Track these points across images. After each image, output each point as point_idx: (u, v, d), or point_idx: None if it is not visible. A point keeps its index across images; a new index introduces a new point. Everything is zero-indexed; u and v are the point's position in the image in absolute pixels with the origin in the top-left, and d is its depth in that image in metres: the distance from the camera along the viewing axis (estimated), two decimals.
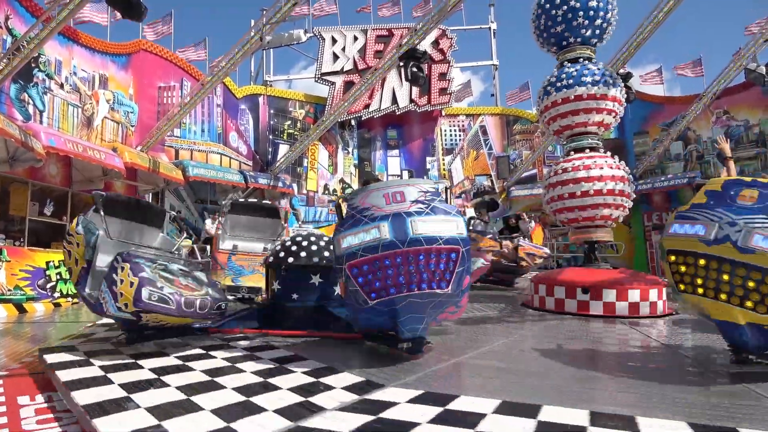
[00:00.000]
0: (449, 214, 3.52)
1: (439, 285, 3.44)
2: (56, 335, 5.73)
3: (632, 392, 3.13)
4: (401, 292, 3.42)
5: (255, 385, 3.19)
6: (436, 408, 2.71)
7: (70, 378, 3.19)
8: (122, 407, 2.68)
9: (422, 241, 3.35)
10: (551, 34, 8.53)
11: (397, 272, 3.39)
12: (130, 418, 2.52)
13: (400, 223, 3.40)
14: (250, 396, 2.93)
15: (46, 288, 9.37)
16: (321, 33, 21.01)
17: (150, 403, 2.76)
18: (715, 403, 2.85)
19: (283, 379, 3.34)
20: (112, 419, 2.51)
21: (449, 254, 3.42)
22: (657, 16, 14.17)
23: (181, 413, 2.62)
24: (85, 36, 13.06)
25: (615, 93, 8.03)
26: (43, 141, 9.46)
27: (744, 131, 18.13)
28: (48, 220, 11.00)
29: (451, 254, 3.42)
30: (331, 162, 21.53)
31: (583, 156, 8.06)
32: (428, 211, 3.46)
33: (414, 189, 3.63)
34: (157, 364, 3.62)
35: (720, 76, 16.65)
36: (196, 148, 16.78)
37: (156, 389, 3.02)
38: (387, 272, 3.41)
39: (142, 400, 2.80)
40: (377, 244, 3.39)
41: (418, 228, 3.37)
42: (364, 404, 2.80)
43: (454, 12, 13.95)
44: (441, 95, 21.41)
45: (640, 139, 20.68)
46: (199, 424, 2.49)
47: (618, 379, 3.54)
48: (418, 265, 3.38)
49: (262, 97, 20.27)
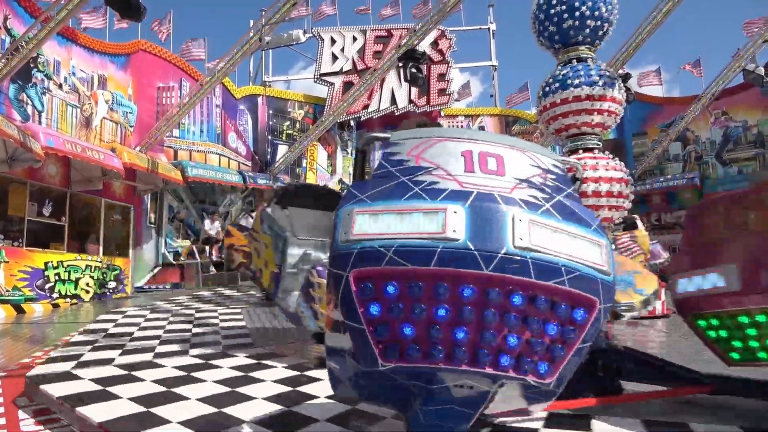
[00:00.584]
0: (588, 227, 1.71)
1: (536, 368, 1.64)
2: (54, 336, 5.71)
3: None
4: (452, 363, 1.59)
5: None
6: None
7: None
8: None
9: (529, 265, 1.56)
10: (551, 33, 8.52)
11: (457, 317, 1.57)
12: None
13: (489, 215, 1.61)
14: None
15: (45, 289, 9.35)
16: (320, 33, 21.01)
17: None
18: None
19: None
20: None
21: (574, 308, 1.62)
22: (656, 17, 14.17)
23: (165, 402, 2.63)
24: (83, 36, 13.05)
25: (614, 94, 8.03)
26: (42, 141, 9.44)
27: (742, 132, 18.16)
28: (47, 220, 10.97)
29: (577, 310, 1.62)
30: (330, 162, 21.53)
31: (582, 156, 8.06)
32: (550, 208, 1.69)
33: (525, 158, 1.87)
34: (157, 376, 3.61)
35: (719, 77, 16.67)
36: (194, 148, 16.75)
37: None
38: (435, 311, 1.57)
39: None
40: (433, 247, 1.56)
41: (527, 235, 1.58)
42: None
43: (453, 12, 13.95)
44: (440, 96, 21.41)
45: (639, 139, 20.71)
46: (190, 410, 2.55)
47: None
48: (505, 315, 1.57)
49: (261, 97, 20.26)
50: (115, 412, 2.72)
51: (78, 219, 12.04)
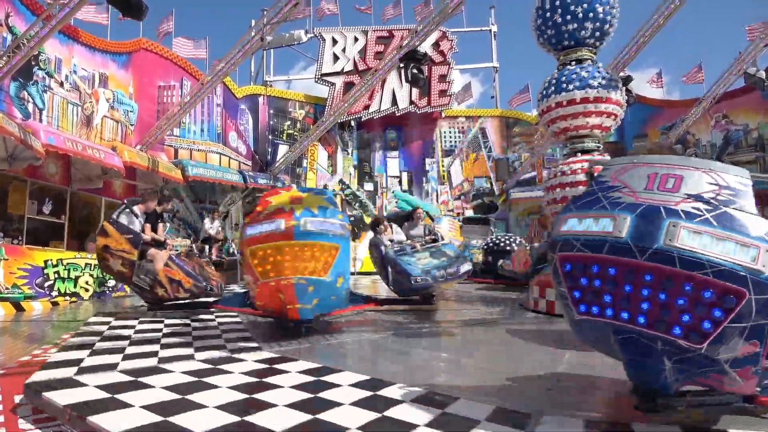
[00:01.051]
0: (746, 233, 2.13)
1: (689, 334, 2.16)
2: (53, 334, 5.70)
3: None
4: (619, 319, 2.32)
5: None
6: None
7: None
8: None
9: (675, 259, 2.13)
10: (551, 35, 8.52)
11: (621, 290, 2.30)
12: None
13: (649, 222, 2.24)
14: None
15: (44, 287, 9.33)
16: (321, 34, 21.03)
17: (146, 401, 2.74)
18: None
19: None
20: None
21: (723, 296, 2.07)
22: (658, 20, 14.19)
23: (182, 411, 2.61)
24: (85, 34, 13.05)
25: (615, 96, 8.03)
26: (43, 139, 9.44)
27: (743, 135, 18.16)
28: (46, 218, 10.97)
29: (727, 296, 2.07)
30: (331, 162, 21.53)
31: (583, 158, 8.06)
32: (710, 218, 2.18)
33: (705, 177, 2.36)
34: (161, 381, 3.59)
35: (720, 80, 16.68)
36: (195, 147, 16.76)
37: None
38: (599, 283, 2.37)
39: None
40: (603, 241, 2.33)
41: (676, 237, 2.16)
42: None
43: (455, 14, 13.96)
44: (441, 97, 21.43)
45: (639, 142, 20.70)
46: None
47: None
48: (659, 292, 2.19)
49: (262, 97, 20.28)
50: (132, 421, 2.58)
51: (78, 218, 12.04)
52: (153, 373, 3.66)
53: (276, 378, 3.48)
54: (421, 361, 4.37)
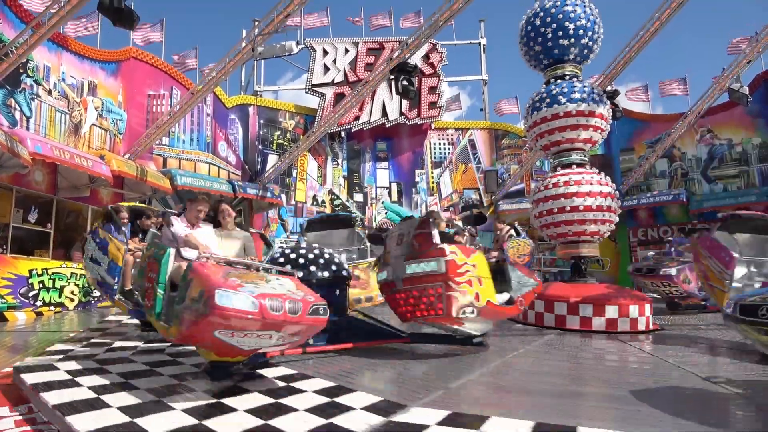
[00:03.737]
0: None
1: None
2: (37, 346, 5.62)
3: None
4: None
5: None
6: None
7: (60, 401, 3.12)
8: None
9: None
10: (538, 52, 8.67)
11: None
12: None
13: None
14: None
15: (29, 296, 9.20)
16: (312, 44, 21.12)
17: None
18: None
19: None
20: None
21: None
22: (643, 35, 14.43)
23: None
24: (74, 42, 12.99)
25: (601, 110, 8.16)
26: (30, 147, 9.35)
27: (727, 150, 18.47)
28: (32, 227, 10.83)
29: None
30: (321, 173, 21.54)
31: (570, 172, 8.15)
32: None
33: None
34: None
35: (704, 96, 16.97)
36: (184, 156, 16.68)
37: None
38: None
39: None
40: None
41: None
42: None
43: (445, 26, 14.10)
44: (431, 109, 21.57)
45: (626, 155, 20.96)
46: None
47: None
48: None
49: (252, 107, 20.27)
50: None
51: (64, 226, 11.91)
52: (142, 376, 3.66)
53: (246, 384, 3.46)
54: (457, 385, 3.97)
